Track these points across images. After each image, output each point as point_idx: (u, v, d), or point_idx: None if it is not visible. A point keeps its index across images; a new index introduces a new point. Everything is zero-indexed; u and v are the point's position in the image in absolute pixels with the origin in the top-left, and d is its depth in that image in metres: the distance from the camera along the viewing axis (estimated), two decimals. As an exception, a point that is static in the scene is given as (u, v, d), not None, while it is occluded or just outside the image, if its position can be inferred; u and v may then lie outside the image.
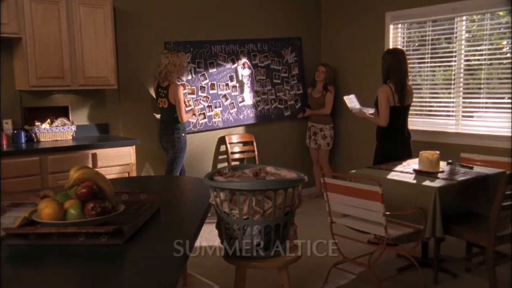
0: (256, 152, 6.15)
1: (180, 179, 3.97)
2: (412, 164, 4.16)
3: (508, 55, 5.01)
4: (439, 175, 3.78)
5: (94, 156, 4.39)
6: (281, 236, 2.05)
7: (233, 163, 5.99)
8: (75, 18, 4.46)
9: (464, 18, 5.27)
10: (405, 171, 3.95)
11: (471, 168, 4.01)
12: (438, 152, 3.97)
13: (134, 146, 4.66)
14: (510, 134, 4.85)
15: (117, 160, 4.53)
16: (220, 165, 5.97)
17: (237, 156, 6.07)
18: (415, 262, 3.65)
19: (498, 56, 5.09)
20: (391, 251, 3.80)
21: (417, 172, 3.88)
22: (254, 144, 6.16)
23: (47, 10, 4.30)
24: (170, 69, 4.98)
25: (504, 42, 5.06)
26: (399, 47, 5.81)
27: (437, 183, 3.55)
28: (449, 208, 3.52)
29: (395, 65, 4.48)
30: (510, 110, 4.96)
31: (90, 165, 4.37)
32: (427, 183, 3.59)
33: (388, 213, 3.31)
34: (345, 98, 4.92)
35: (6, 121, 4.41)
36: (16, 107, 4.56)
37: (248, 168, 2.30)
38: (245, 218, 1.98)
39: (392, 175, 3.85)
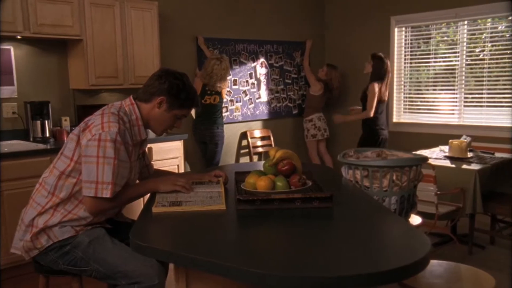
0: (273, 146, 6.56)
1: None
2: (438, 152, 4.69)
3: (504, 56, 5.64)
4: (471, 160, 4.32)
5: (150, 150, 4.67)
6: (411, 204, 2.50)
7: (254, 156, 6.40)
8: (127, 21, 4.74)
9: (466, 22, 5.87)
10: (438, 157, 4.47)
11: (493, 153, 4.58)
12: (465, 140, 4.52)
13: (182, 140, 4.98)
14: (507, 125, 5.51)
15: (169, 154, 4.84)
16: (242, 158, 6.36)
17: (259, 150, 6.46)
18: (454, 237, 4.21)
19: (497, 56, 5.71)
20: (434, 229, 4.28)
21: (449, 158, 4.42)
22: (272, 138, 6.58)
23: (104, 14, 4.56)
24: (223, 74, 5.34)
25: (489, 45, 5.69)
26: (403, 48, 6.42)
27: (474, 167, 4.08)
28: (483, 188, 4.06)
29: (385, 67, 5.25)
30: (507, 104, 5.60)
31: (147, 159, 4.67)
32: (465, 166, 4.13)
33: (439, 192, 3.82)
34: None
35: (65, 118, 4.63)
36: (70, 105, 4.79)
37: (367, 151, 2.73)
38: (384, 190, 2.42)
39: (430, 161, 4.36)
